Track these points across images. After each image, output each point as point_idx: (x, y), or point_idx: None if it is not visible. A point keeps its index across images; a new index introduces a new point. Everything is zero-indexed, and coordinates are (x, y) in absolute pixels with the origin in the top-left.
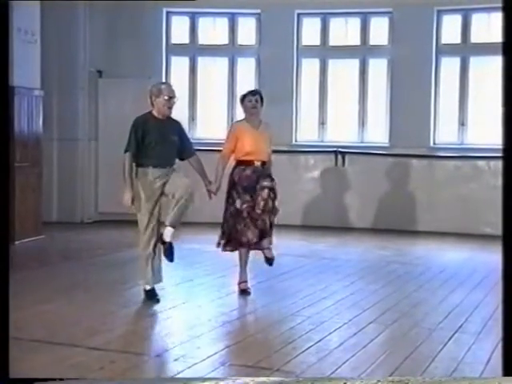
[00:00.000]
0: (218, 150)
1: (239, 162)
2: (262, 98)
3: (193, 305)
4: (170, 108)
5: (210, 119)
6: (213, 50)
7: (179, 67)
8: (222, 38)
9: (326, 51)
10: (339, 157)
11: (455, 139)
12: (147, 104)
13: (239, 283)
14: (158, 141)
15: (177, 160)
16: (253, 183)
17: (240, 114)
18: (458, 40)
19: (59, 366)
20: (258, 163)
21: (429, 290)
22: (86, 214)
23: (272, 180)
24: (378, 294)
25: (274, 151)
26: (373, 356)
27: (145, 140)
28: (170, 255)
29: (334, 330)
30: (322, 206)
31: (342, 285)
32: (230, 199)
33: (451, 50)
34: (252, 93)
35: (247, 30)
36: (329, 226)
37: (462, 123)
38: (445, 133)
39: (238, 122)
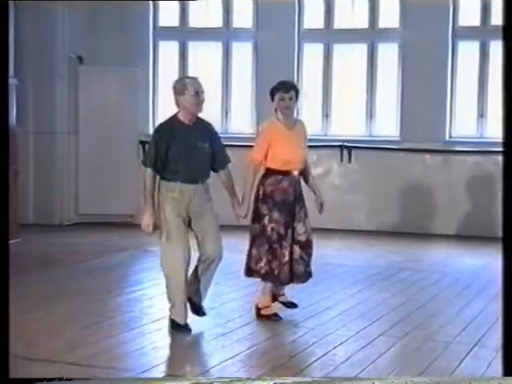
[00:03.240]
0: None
1: (272, 171)
2: (297, 93)
3: None
4: (199, 105)
5: (202, 111)
6: (205, 34)
7: (168, 53)
8: (216, 21)
9: (330, 35)
10: (345, 152)
11: (474, 132)
12: (133, 94)
13: (265, 308)
14: (184, 152)
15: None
16: (289, 199)
17: (235, 105)
18: (477, 22)
19: None
20: (295, 173)
21: (445, 299)
22: (66, 215)
23: (305, 205)
24: (389, 304)
25: None
26: (383, 372)
27: (168, 153)
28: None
29: (340, 344)
30: (326, 206)
31: (348, 293)
32: (257, 215)
33: (469, 33)
34: (285, 88)
35: (243, 12)
36: (334, 229)
37: (481, 114)
38: (462, 125)
39: (269, 122)
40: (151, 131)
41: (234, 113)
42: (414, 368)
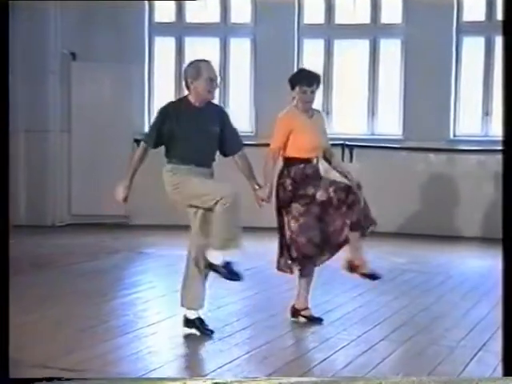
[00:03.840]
0: None
1: (294, 160)
2: (319, 84)
3: (180, 319)
4: (212, 92)
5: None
6: (202, 30)
7: (164, 49)
8: (213, 16)
9: (331, 31)
10: (346, 151)
11: (478, 131)
12: (128, 91)
13: (298, 309)
14: (192, 133)
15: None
16: (313, 187)
17: (234, 103)
18: (482, 17)
19: None
20: (315, 160)
21: (449, 302)
22: (58, 216)
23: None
24: (391, 307)
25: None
26: None
27: (174, 134)
28: (232, 275)
29: (341, 348)
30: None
31: (349, 296)
32: (287, 208)
33: (474, 28)
34: (308, 81)
35: (241, 7)
36: None
37: (487, 113)
38: (467, 123)
39: (288, 110)
40: (146, 129)
41: (232, 111)
42: (417, 373)
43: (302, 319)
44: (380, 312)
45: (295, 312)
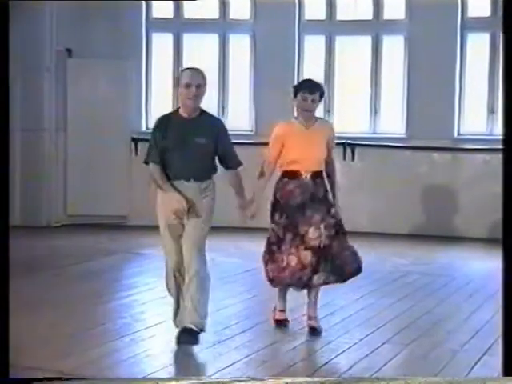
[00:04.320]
0: None
1: (283, 174)
2: (322, 95)
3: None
4: (191, 99)
5: (198, 105)
6: (201, 26)
7: (162, 45)
8: (212, 12)
9: (332, 27)
10: (348, 150)
11: (484, 129)
12: (125, 88)
13: (274, 311)
14: (176, 145)
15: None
16: (295, 202)
17: (233, 101)
18: (487, 12)
19: None
20: (305, 175)
21: (453, 304)
22: (54, 216)
23: (329, 208)
24: (394, 310)
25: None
26: None
27: (166, 145)
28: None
29: (343, 352)
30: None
31: (350, 299)
32: (272, 219)
33: (479, 24)
34: (309, 89)
35: (241, 2)
36: None
37: (492, 110)
38: (471, 121)
39: (285, 121)
40: (144, 127)
41: (231, 109)
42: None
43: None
44: (382, 315)
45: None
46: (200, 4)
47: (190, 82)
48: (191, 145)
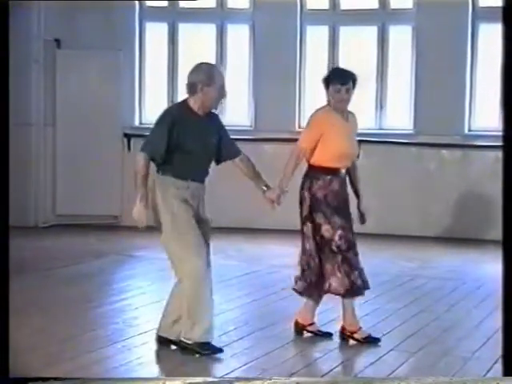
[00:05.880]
0: None
1: (320, 169)
2: (354, 84)
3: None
4: (222, 102)
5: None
6: (197, 15)
7: (156, 36)
8: (209, 0)
9: (336, 17)
10: None
11: (496, 124)
12: (117, 81)
13: (304, 324)
14: (194, 146)
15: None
16: (343, 201)
17: (231, 94)
18: (499, 1)
19: None
20: (343, 171)
21: (463, 310)
22: (42, 216)
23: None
24: (400, 315)
25: (273, 140)
26: None
27: (182, 144)
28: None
29: (347, 359)
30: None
31: (355, 304)
32: (310, 223)
33: (491, 14)
34: (341, 79)
35: None
36: None
37: None
38: (483, 117)
39: (322, 109)
40: (137, 122)
41: (229, 102)
42: None
43: (307, 334)
44: (388, 320)
45: (301, 328)
46: None
47: (224, 84)
48: (206, 145)
